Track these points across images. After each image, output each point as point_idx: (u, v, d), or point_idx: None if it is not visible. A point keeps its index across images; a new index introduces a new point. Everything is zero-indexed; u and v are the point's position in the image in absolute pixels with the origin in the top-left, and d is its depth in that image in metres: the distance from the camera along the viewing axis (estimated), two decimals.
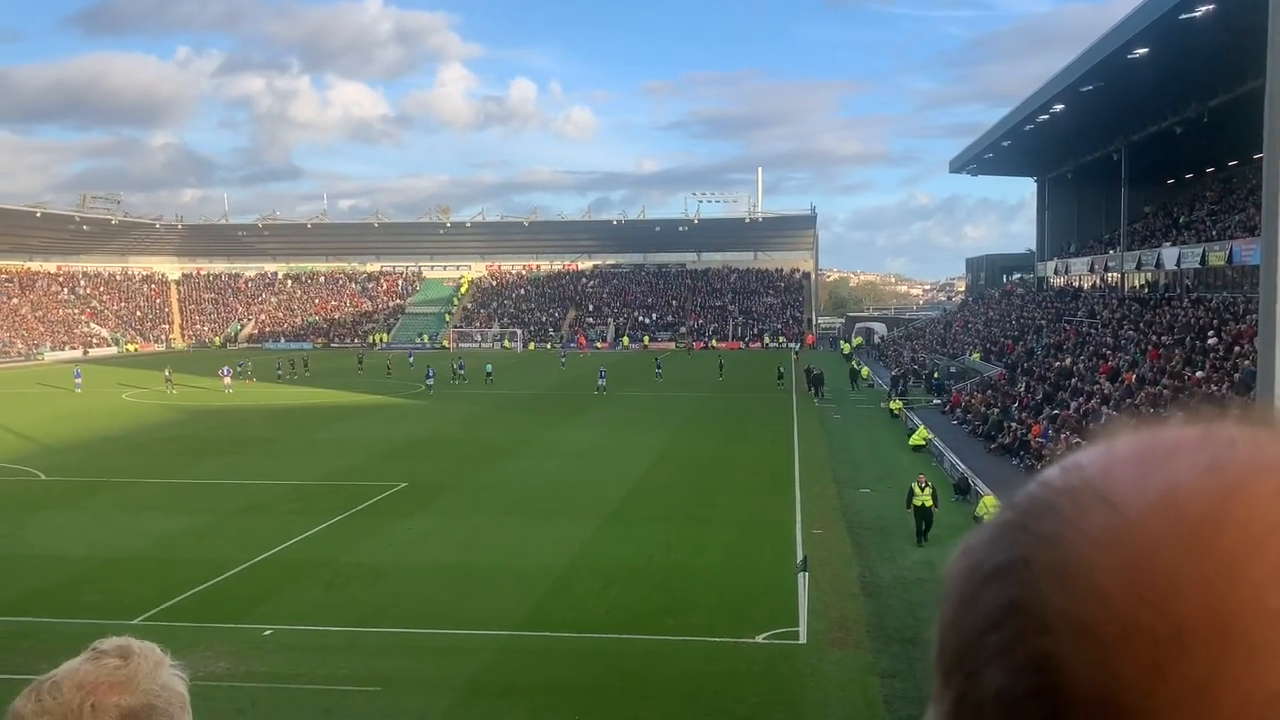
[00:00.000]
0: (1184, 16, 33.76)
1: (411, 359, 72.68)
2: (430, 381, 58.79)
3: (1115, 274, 59.60)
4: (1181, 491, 0.59)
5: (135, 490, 31.08)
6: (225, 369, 61.86)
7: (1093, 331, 48.43)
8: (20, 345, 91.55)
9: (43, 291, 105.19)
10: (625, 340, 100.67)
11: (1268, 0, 8.30)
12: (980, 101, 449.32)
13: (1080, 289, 66.62)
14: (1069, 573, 0.59)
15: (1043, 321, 59.14)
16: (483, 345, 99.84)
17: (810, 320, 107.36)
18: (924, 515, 23.79)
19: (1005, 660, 0.60)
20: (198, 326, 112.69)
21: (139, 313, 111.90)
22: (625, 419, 46.62)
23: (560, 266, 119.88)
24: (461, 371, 65.25)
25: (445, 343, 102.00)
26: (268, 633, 17.94)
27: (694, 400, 54.26)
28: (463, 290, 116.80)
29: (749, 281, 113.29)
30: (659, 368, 66.19)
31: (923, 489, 24.00)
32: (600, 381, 57.68)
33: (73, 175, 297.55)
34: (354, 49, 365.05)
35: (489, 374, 65.04)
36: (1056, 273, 72.68)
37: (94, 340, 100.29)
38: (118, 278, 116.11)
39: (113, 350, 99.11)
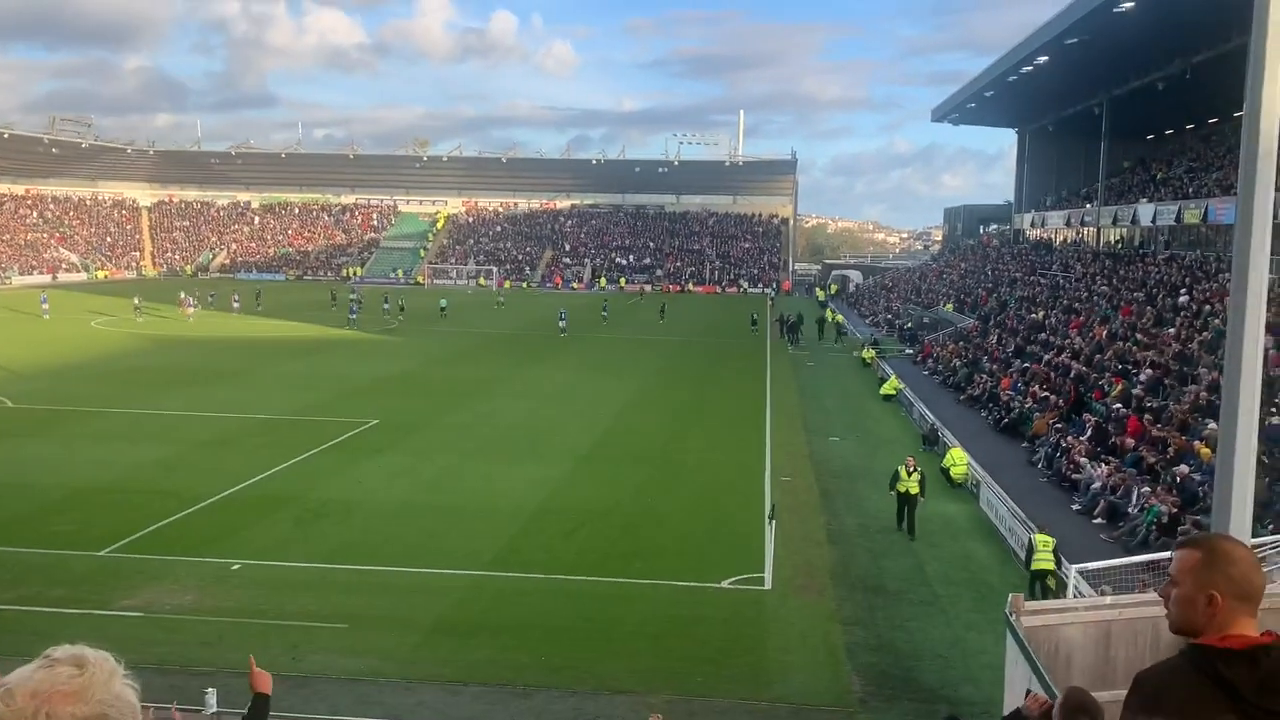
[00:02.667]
0: None
1: (354, 294, 72.65)
2: (354, 316, 59.61)
3: (1091, 229, 59.79)
4: None
5: (104, 420, 30.87)
6: (188, 298, 62.25)
7: (1066, 285, 48.67)
8: None
9: (10, 214, 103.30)
10: (602, 281, 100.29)
11: None
12: (963, 50, 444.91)
13: (1056, 242, 66.86)
14: None
15: (1017, 274, 59.36)
16: (458, 283, 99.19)
17: (788, 265, 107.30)
18: (907, 502, 21.15)
19: None
20: (169, 254, 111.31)
21: (109, 239, 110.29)
22: (597, 362, 46.60)
23: (538, 205, 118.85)
24: (387, 307, 66.01)
25: (420, 279, 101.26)
26: (235, 567, 17.96)
27: (668, 345, 54.27)
28: (439, 226, 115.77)
29: (727, 225, 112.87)
30: (604, 310, 66.61)
31: (909, 474, 21.16)
32: (561, 324, 58.10)
33: (42, 96, 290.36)
34: None
35: (443, 309, 65.93)
36: (1033, 225, 72.81)
37: (63, 265, 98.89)
38: (88, 202, 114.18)
39: (83, 276, 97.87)
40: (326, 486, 23.69)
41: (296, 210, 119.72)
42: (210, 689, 11.79)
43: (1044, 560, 16.73)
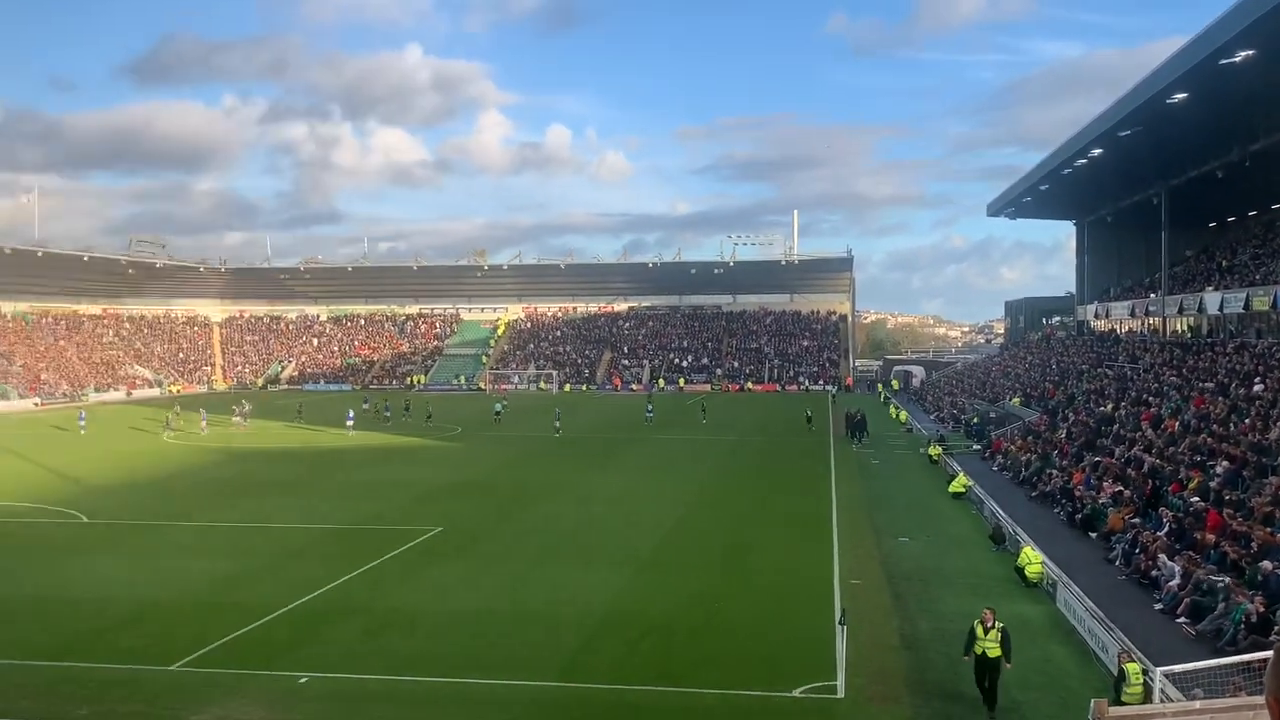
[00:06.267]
0: (1224, 62, 33.56)
1: (366, 404, 74.95)
2: (350, 423, 61.00)
3: (1156, 318, 58.94)
4: None
5: (174, 533, 31.38)
6: (203, 412, 66.44)
7: (1135, 377, 47.82)
8: (66, 386, 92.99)
9: (88, 334, 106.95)
10: (661, 382, 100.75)
11: None
12: (1013, 145, 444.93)
13: (1121, 333, 65.93)
14: None
15: (1084, 366, 58.48)
16: (519, 387, 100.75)
17: (848, 358, 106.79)
18: (987, 668, 16.78)
19: None
20: (240, 368, 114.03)
21: (182, 354, 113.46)
22: (654, 465, 46.52)
23: (596, 308, 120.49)
24: (388, 413, 68.06)
25: (482, 384, 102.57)
26: (303, 680, 17.94)
27: (724, 445, 54.07)
28: (500, 332, 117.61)
29: (785, 324, 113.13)
30: (649, 411, 66.69)
31: (986, 632, 16.88)
32: (556, 424, 59.56)
33: (120, 219, 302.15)
34: (394, 97, 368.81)
35: (498, 414, 67.25)
36: (1097, 316, 71.99)
37: (137, 381, 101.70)
38: (162, 320, 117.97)
39: (155, 391, 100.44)
40: (393, 596, 23.72)
41: (363, 321, 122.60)
42: None
43: (1135, 691, 15.85)
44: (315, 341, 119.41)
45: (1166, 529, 25.56)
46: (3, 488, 40.24)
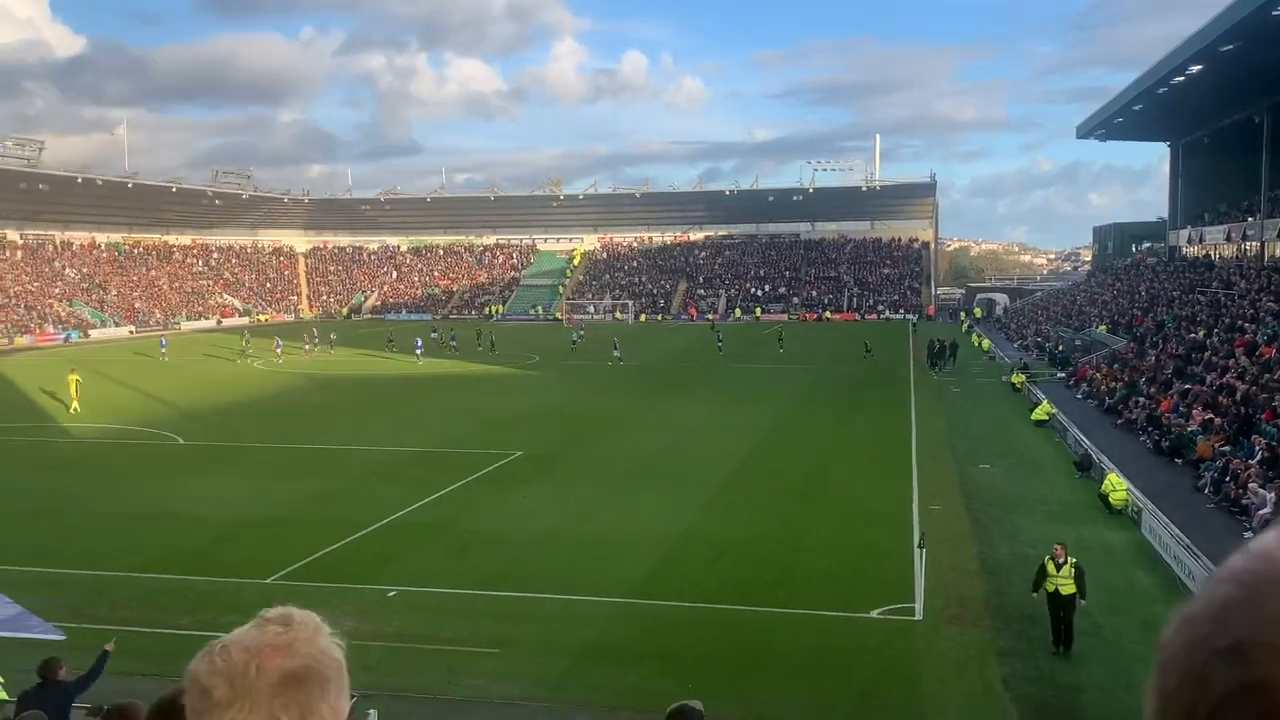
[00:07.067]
0: None
1: (435, 333, 75.51)
2: (420, 351, 61.98)
3: (1254, 243, 56.78)
4: None
5: (266, 455, 32.41)
6: (278, 340, 67.91)
7: (1229, 303, 46.28)
8: (159, 315, 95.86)
9: (178, 264, 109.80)
10: (737, 312, 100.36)
11: None
12: (1102, 65, 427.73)
13: (1215, 259, 63.71)
14: None
15: (1175, 293, 56.75)
16: (594, 317, 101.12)
17: (930, 285, 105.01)
18: (1060, 606, 15.79)
19: None
20: (324, 298, 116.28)
21: (269, 284, 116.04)
22: (730, 394, 46.49)
23: (672, 238, 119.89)
24: (454, 343, 69.61)
25: (559, 315, 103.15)
26: (392, 594, 18.55)
27: (808, 373, 53.83)
28: (575, 262, 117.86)
29: (865, 251, 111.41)
30: (719, 340, 66.60)
31: (1059, 568, 15.81)
32: (615, 353, 59.89)
33: (206, 152, 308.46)
34: (469, 26, 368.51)
35: (574, 343, 68.50)
36: (1190, 242, 69.57)
37: (227, 310, 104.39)
38: (248, 250, 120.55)
39: (244, 320, 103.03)
40: (475, 516, 24.28)
41: (441, 252, 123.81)
42: (371, 710, 12.17)
43: None
44: (395, 272, 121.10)
45: (1259, 457, 24.91)
46: (103, 411, 41.83)
